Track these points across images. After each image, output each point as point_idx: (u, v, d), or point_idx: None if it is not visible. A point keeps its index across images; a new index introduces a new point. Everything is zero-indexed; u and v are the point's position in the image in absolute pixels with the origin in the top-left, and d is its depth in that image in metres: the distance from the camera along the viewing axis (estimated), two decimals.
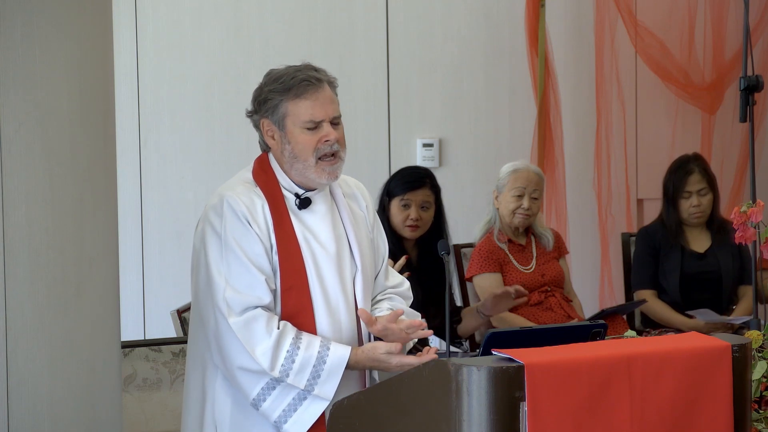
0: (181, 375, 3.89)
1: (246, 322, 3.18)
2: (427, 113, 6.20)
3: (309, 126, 3.28)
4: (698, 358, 2.61)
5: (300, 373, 3.17)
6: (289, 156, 3.31)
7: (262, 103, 3.34)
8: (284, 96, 3.29)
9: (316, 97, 3.29)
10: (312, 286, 3.27)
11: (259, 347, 3.16)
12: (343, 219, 3.40)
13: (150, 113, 5.92)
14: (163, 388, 3.92)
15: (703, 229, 5.64)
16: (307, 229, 3.32)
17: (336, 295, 3.30)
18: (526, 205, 5.20)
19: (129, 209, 5.81)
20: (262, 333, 3.17)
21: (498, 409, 2.48)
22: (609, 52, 6.37)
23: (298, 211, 3.34)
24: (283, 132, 3.31)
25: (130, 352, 3.87)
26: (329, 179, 3.33)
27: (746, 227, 3.56)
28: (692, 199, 5.56)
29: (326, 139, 3.29)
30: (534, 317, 5.14)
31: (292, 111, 3.29)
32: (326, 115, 3.30)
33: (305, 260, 3.28)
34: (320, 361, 3.17)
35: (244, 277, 3.21)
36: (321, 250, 3.31)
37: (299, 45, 6.03)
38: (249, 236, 3.24)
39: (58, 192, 2.85)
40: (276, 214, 3.29)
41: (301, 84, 3.28)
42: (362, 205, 3.49)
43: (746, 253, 5.40)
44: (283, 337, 3.18)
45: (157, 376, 3.91)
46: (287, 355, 3.16)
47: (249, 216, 3.25)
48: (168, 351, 3.94)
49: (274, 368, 3.15)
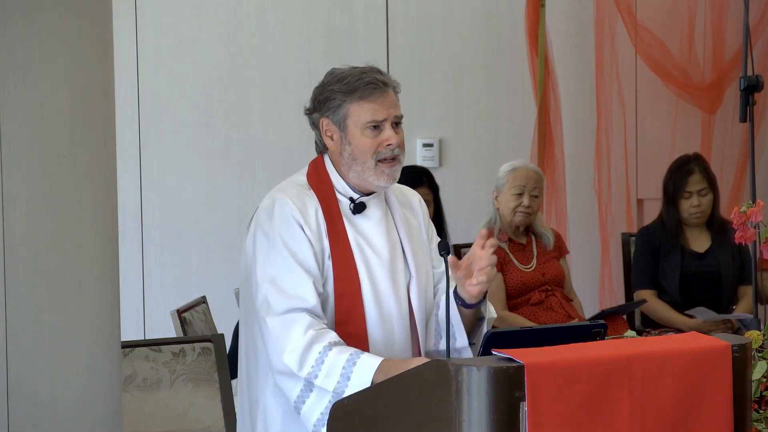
0: (181, 375, 3.89)
1: (284, 322, 3.09)
2: (427, 113, 6.21)
3: (371, 127, 3.20)
4: (698, 358, 2.61)
5: (329, 376, 3.04)
6: (348, 157, 3.23)
7: (323, 101, 3.26)
8: (348, 97, 3.21)
9: (381, 101, 3.21)
10: (365, 293, 3.19)
11: (289, 348, 3.06)
12: (397, 226, 3.33)
13: (150, 113, 5.93)
14: (163, 388, 3.91)
15: (703, 229, 5.64)
16: (361, 234, 3.25)
17: (389, 303, 3.23)
18: (527, 203, 5.20)
19: (129, 209, 5.81)
20: (298, 334, 3.07)
21: (498, 409, 2.47)
22: (609, 52, 6.37)
23: (351, 215, 3.26)
24: (343, 133, 3.23)
25: (130, 352, 3.86)
26: (387, 182, 3.25)
27: (746, 227, 3.56)
28: (693, 199, 5.56)
29: (388, 143, 3.21)
30: (534, 317, 5.14)
31: (355, 112, 3.21)
32: (388, 114, 3.22)
33: (358, 266, 3.20)
34: (350, 363, 3.04)
35: (290, 278, 3.12)
36: (374, 257, 3.24)
37: (299, 45, 6.04)
38: (298, 238, 3.15)
39: (58, 192, 2.85)
40: (329, 219, 3.21)
41: (367, 87, 3.20)
42: (418, 213, 3.41)
43: (746, 253, 5.40)
44: (317, 339, 3.07)
45: (157, 376, 3.90)
46: (318, 356, 3.05)
47: (301, 219, 3.17)
48: (168, 351, 3.94)
49: (302, 369, 3.05)
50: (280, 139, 6.00)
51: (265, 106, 6.02)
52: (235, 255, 5.99)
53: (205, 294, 4.87)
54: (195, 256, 6.00)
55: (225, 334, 3.98)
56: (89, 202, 2.93)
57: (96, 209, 2.97)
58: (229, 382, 3.76)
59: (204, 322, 4.54)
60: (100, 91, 3.00)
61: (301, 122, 3.35)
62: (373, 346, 3.18)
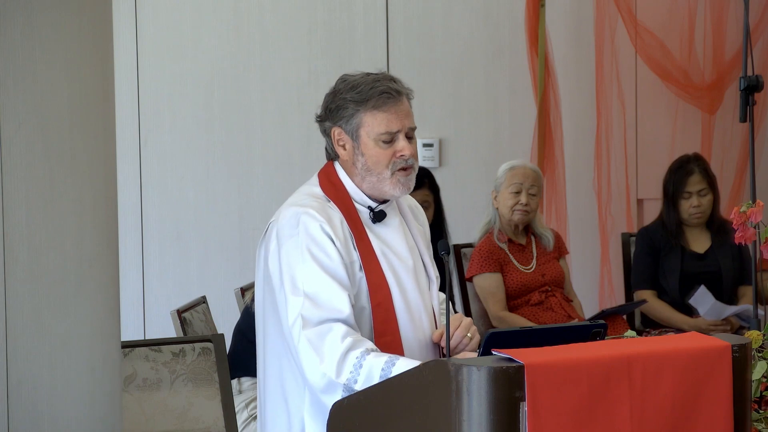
0: (181, 375, 3.89)
1: (320, 333, 3.01)
2: (427, 113, 6.21)
3: (384, 139, 3.16)
4: (698, 358, 2.61)
5: (368, 380, 2.95)
6: (362, 168, 3.19)
7: (336, 110, 3.20)
8: (361, 106, 3.16)
9: (395, 111, 3.18)
10: (396, 301, 3.16)
11: (327, 357, 2.98)
12: (412, 231, 3.32)
13: (150, 113, 5.93)
14: (163, 388, 3.91)
15: (703, 229, 5.64)
16: (384, 243, 3.21)
17: (418, 309, 3.21)
18: (524, 201, 5.20)
19: (129, 209, 5.81)
20: (335, 342, 2.99)
21: (498, 409, 2.47)
22: (609, 52, 6.37)
23: (372, 224, 3.22)
24: (356, 143, 3.18)
25: (130, 352, 3.86)
26: (403, 191, 3.22)
27: (746, 227, 3.56)
28: (692, 199, 5.56)
29: (401, 154, 3.18)
30: (534, 317, 5.14)
31: (368, 122, 3.16)
32: (402, 126, 3.19)
33: (386, 275, 3.16)
34: (389, 364, 2.97)
35: (323, 291, 3.05)
36: (400, 264, 3.21)
37: (299, 45, 6.04)
38: (329, 251, 3.09)
39: (58, 192, 2.84)
40: (354, 229, 3.17)
41: (381, 96, 3.15)
42: (420, 218, 3.42)
43: (746, 253, 5.40)
44: (355, 346, 3.00)
45: (157, 376, 3.90)
46: (356, 362, 2.97)
47: (330, 231, 3.10)
48: (168, 351, 3.94)
49: (341, 375, 2.97)
50: (280, 139, 6.00)
51: (265, 106, 6.02)
52: (235, 255, 6.00)
53: (205, 294, 4.87)
54: (195, 256, 6.00)
55: (225, 334, 3.98)
56: (89, 202, 2.93)
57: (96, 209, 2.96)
58: (229, 382, 3.76)
59: (204, 322, 4.54)
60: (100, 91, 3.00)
61: (301, 122, 3.37)
62: (408, 354, 3.14)
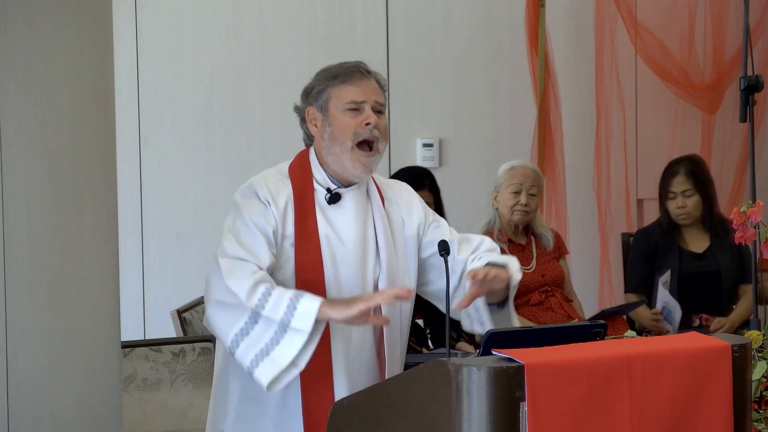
0: (181, 375, 3.90)
1: (234, 263, 3.15)
2: (427, 113, 6.20)
3: (350, 107, 3.27)
4: (698, 358, 2.61)
5: (276, 307, 3.08)
6: (328, 139, 3.29)
7: (309, 92, 3.35)
8: (330, 82, 3.31)
9: (361, 84, 3.29)
10: (328, 284, 3.23)
11: (236, 279, 3.11)
12: (375, 221, 3.34)
13: (150, 113, 5.92)
14: (163, 388, 3.92)
15: (701, 229, 5.64)
16: (331, 226, 3.28)
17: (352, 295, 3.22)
18: (524, 201, 5.20)
19: (129, 209, 5.81)
20: (247, 273, 3.12)
21: (498, 409, 2.48)
22: (609, 52, 6.37)
23: (326, 206, 3.30)
24: (325, 115, 3.30)
25: (130, 352, 3.87)
26: (363, 171, 3.29)
27: (746, 227, 3.56)
28: (677, 200, 5.57)
29: (366, 122, 3.26)
30: (534, 317, 5.14)
31: (336, 94, 3.29)
32: (368, 97, 3.28)
33: (324, 257, 3.23)
34: (297, 296, 3.10)
35: (249, 238, 3.19)
36: (342, 249, 3.27)
37: (299, 45, 6.04)
38: (261, 210, 3.22)
39: (58, 192, 2.85)
40: (301, 209, 3.26)
41: (349, 71, 3.30)
42: (402, 208, 3.41)
43: (746, 253, 5.39)
44: (264, 279, 3.13)
45: (157, 376, 3.91)
46: (264, 291, 3.10)
47: (270, 198, 3.24)
48: (168, 351, 3.94)
49: (250, 300, 3.09)
50: (280, 139, 6.00)
51: (265, 105, 6.02)
52: None
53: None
54: (195, 256, 5.99)
55: None
56: (89, 202, 2.93)
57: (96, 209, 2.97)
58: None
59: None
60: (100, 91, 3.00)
61: None
62: (333, 334, 3.21)
